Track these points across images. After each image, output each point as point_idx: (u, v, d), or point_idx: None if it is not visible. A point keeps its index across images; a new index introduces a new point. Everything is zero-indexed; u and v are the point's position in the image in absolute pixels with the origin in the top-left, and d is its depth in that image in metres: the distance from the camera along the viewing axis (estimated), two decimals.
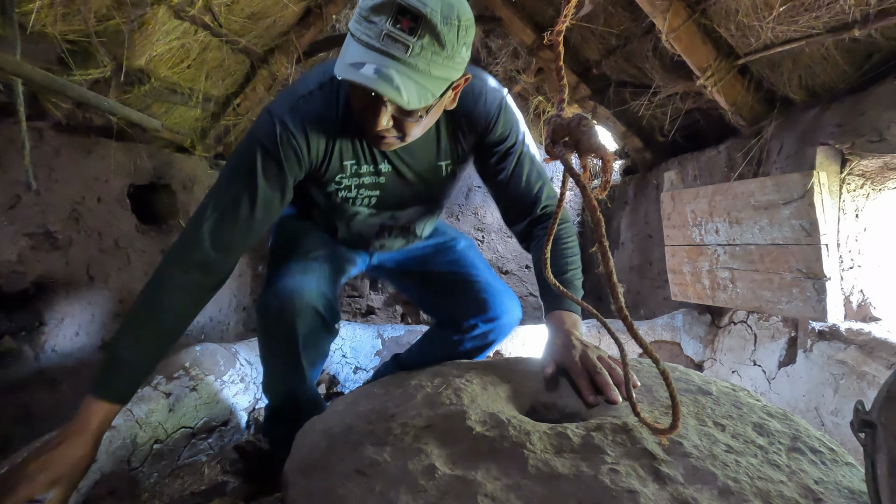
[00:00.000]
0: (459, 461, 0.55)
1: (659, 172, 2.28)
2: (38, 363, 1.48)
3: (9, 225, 1.35)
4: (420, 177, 1.03)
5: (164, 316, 0.83)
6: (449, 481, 0.52)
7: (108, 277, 1.73)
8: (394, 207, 1.07)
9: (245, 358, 1.45)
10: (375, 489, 0.52)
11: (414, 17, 0.72)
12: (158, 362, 0.87)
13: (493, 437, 0.58)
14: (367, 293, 3.34)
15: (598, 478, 0.52)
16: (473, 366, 0.86)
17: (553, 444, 0.58)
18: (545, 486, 0.51)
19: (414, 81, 0.74)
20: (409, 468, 0.54)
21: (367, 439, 0.61)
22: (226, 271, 0.90)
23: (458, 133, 1.01)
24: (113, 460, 1.07)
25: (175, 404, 1.22)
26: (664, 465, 0.54)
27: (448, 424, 0.62)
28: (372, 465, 0.56)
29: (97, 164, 1.68)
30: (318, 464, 0.60)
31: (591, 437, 0.59)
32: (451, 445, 0.58)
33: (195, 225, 0.87)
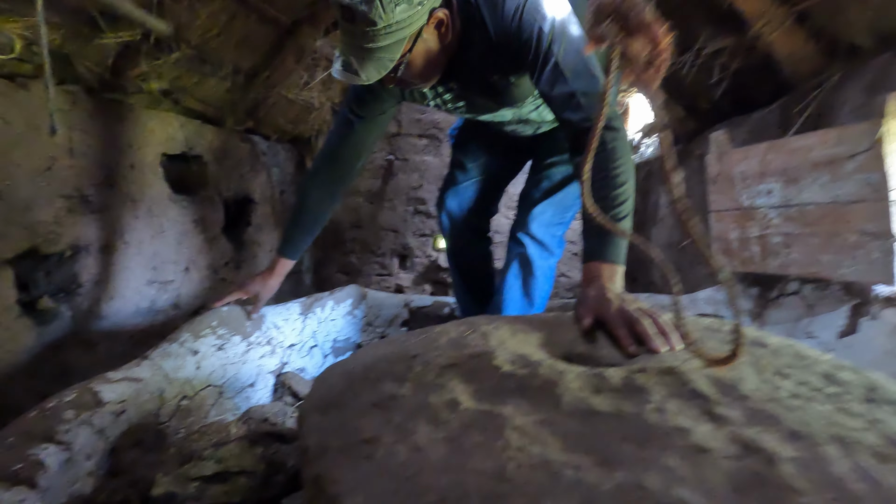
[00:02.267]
0: (485, 397, 0.50)
1: (702, 141, 2.15)
2: (74, 324, 1.51)
3: (45, 186, 1.38)
4: (482, 90, 1.18)
5: (309, 203, 1.35)
6: (473, 415, 0.47)
7: (141, 244, 1.76)
8: (484, 111, 1.28)
9: (272, 321, 1.44)
10: (393, 421, 0.48)
11: (346, 8, 0.89)
12: (314, 235, 1.41)
13: (523, 376, 0.53)
14: (397, 271, 3.32)
15: (643, 416, 0.46)
16: (503, 317, 0.81)
17: (590, 383, 0.52)
18: (581, 422, 0.46)
19: (369, 59, 0.92)
20: (430, 401, 0.50)
21: (386, 377, 0.57)
22: (349, 170, 1.36)
23: (490, 49, 1.06)
24: (141, 413, 1.07)
25: (202, 362, 1.22)
26: (719, 406, 0.47)
27: (473, 364, 0.57)
28: (390, 399, 0.52)
29: (130, 130, 1.70)
30: (335, 402, 0.57)
31: (633, 379, 0.53)
32: (475, 383, 0.53)
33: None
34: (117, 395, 1.02)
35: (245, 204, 2.46)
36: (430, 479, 0.40)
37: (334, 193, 1.37)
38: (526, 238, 1.43)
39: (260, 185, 2.55)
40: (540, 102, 1.27)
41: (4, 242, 1.26)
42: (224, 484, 0.67)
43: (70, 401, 0.93)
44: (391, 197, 3.28)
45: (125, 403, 1.03)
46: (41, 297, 1.45)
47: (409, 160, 3.25)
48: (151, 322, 1.84)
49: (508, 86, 1.15)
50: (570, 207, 1.50)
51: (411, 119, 3.21)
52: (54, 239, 1.41)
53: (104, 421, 0.97)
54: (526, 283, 1.45)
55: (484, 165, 1.61)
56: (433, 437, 0.44)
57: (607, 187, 0.91)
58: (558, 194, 1.46)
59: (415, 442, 0.44)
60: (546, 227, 1.44)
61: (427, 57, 1.03)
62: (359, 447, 0.46)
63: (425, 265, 3.30)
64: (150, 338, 1.85)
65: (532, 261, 1.43)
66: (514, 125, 1.39)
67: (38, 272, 1.46)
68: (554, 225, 1.47)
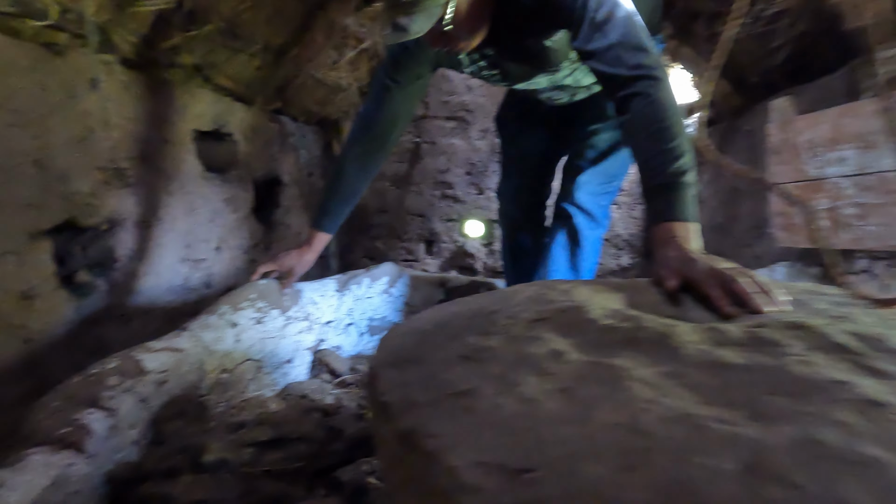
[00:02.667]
0: (590, 350, 0.44)
1: (752, 116, 2.04)
2: (110, 298, 1.50)
3: (82, 157, 1.35)
4: (517, 55, 1.16)
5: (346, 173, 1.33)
6: (583, 366, 0.41)
7: (175, 220, 1.74)
8: (518, 79, 1.25)
9: (309, 296, 1.40)
10: (490, 372, 0.42)
11: None
12: (352, 206, 1.37)
13: (628, 329, 0.47)
14: (423, 257, 3.27)
15: (786, 369, 0.39)
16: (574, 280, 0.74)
17: (707, 337, 0.45)
18: (712, 375, 0.39)
19: (417, 10, 0.91)
20: (530, 352, 0.44)
21: (467, 331, 0.52)
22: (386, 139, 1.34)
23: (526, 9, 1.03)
24: (182, 384, 1.04)
25: (241, 335, 1.19)
26: (871, 360, 0.41)
27: (565, 318, 0.51)
28: (480, 351, 0.46)
29: (164, 104, 1.67)
30: (411, 357, 0.51)
31: (757, 332, 0.46)
32: (573, 336, 0.47)
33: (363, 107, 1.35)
34: (159, 364, 0.99)
35: (274, 185, 2.43)
36: (550, 431, 0.34)
37: (372, 163, 1.36)
38: (572, 208, 1.37)
39: (288, 167, 2.52)
40: (575, 66, 1.23)
41: (43, 212, 1.24)
42: (281, 450, 0.63)
43: (113, 367, 0.90)
44: (418, 181, 3.22)
45: (167, 373, 1.00)
46: (78, 271, 1.43)
47: (436, 143, 3.18)
48: (184, 300, 1.82)
49: (544, 49, 1.12)
50: (617, 176, 1.44)
51: (439, 101, 3.14)
52: (91, 211, 1.39)
53: (147, 390, 0.94)
54: (573, 255, 1.39)
55: (528, 148, 1.59)
56: (543, 389, 0.39)
57: (661, 140, 0.82)
58: (604, 162, 1.40)
59: (523, 393, 0.38)
60: (593, 196, 1.38)
61: (471, 5, 1.00)
62: (453, 400, 0.40)
63: (452, 251, 3.24)
64: (182, 316, 1.83)
65: (580, 231, 1.37)
66: (549, 92, 1.36)
67: (75, 246, 1.44)
68: (601, 195, 1.41)
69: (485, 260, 3.22)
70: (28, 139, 1.19)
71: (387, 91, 1.28)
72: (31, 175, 1.20)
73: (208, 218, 1.91)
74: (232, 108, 2.05)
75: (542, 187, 1.66)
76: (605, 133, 1.39)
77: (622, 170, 1.45)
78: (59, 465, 0.66)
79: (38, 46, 1.24)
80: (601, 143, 1.39)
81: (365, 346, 1.57)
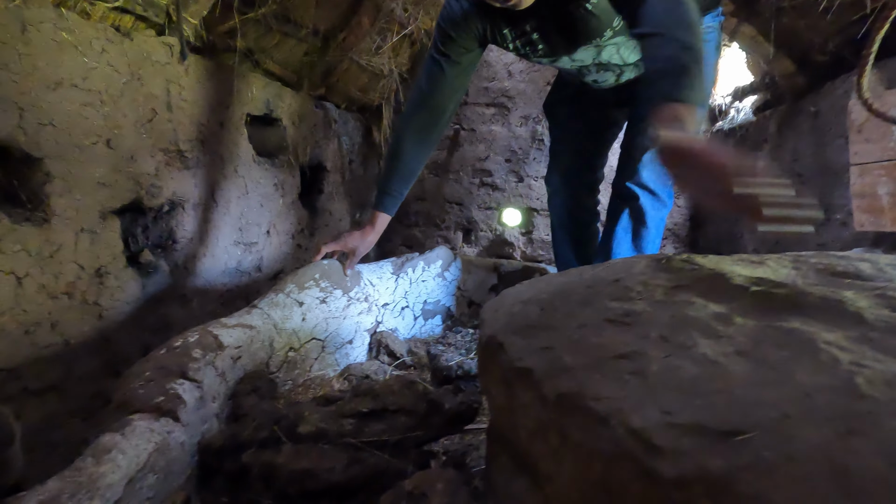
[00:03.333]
0: (754, 314, 0.41)
1: (818, 97, 1.94)
2: (172, 279, 1.52)
3: (147, 138, 1.37)
4: (560, 24, 1.14)
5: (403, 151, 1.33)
6: (759, 329, 0.38)
7: (229, 204, 1.75)
8: (562, 51, 1.23)
9: (368, 278, 1.39)
10: (650, 336, 0.39)
11: None
12: (410, 185, 1.35)
13: (786, 295, 0.43)
14: (460, 245, 3.25)
15: None
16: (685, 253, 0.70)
17: (880, 301, 0.42)
18: None
19: None
20: (689, 314, 0.41)
21: (600, 297, 0.49)
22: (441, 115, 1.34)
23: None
24: (254, 360, 1.05)
25: (307, 314, 1.19)
26: None
27: (706, 285, 0.48)
28: (629, 315, 0.43)
29: (219, 88, 1.68)
30: (537, 324, 0.49)
31: None
32: (725, 302, 0.44)
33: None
34: (234, 339, 0.99)
35: (318, 171, 2.44)
36: (750, 393, 0.31)
37: (427, 141, 1.36)
38: (636, 188, 1.33)
39: (332, 153, 2.52)
40: (619, 40, 1.20)
41: (114, 191, 1.27)
42: (381, 421, 0.61)
43: (195, 341, 0.90)
44: (457, 168, 3.19)
45: (241, 349, 1.01)
46: (143, 251, 1.46)
47: (475, 130, 3.15)
48: (237, 283, 1.84)
49: (586, 14, 1.11)
50: None
51: (478, 88, 3.10)
52: (155, 193, 1.41)
53: (224, 364, 0.94)
54: (638, 237, 1.34)
55: (578, 132, 1.56)
56: (723, 351, 0.36)
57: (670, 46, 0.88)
58: None
59: (702, 355, 0.35)
60: (658, 174, 1.33)
61: None
62: (615, 363, 0.38)
63: (490, 239, 3.21)
64: (236, 298, 1.86)
65: (645, 211, 1.33)
66: (594, 74, 1.35)
67: (138, 226, 1.47)
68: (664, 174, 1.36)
69: (524, 249, 3.18)
70: (101, 119, 1.21)
71: (438, 67, 1.29)
72: (103, 154, 1.22)
73: (259, 202, 1.93)
74: (281, 93, 2.06)
75: (594, 173, 1.62)
76: None
77: None
78: (161, 431, 0.67)
79: (108, 28, 1.26)
80: None
81: (420, 329, 1.56)
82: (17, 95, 1.02)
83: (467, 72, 1.33)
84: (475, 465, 0.85)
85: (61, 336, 1.14)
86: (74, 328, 1.18)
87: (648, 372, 0.36)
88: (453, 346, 1.31)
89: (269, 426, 0.68)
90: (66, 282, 1.15)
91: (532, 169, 3.10)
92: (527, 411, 0.42)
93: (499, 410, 0.50)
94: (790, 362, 0.34)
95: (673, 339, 0.38)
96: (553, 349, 0.43)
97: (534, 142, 3.09)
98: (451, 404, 0.64)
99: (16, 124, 1.03)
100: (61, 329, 1.14)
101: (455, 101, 1.36)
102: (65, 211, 1.14)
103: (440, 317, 1.61)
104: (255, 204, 1.91)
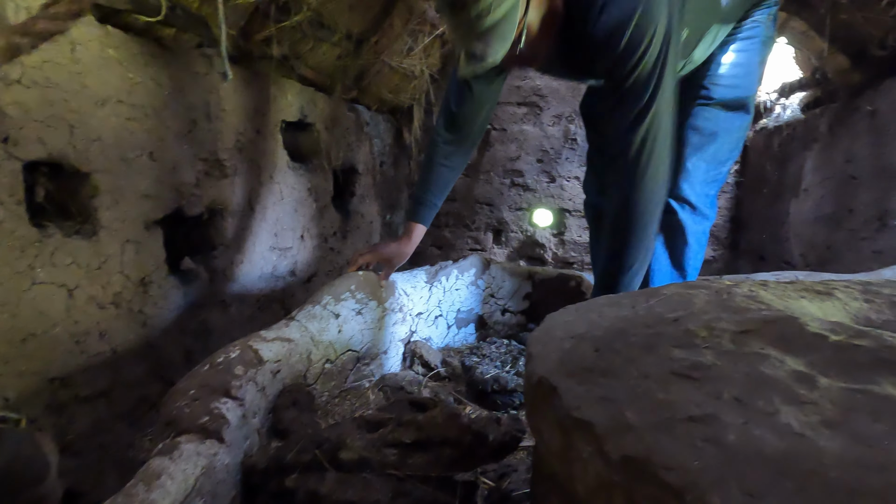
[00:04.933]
0: (838, 373, 0.38)
1: (876, 96, 1.82)
2: (211, 285, 1.56)
3: (188, 148, 1.40)
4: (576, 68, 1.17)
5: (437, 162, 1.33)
6: (845, 394, 0.35)
7: (265, 210, 1.78)
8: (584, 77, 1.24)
9: (402, 288, 1.39)
10: (722, 396, 0.37)
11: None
12: (445, 195, 1.35)
13: (873, 348, 0.40)
14: (490, 246, 3.22)
15: None
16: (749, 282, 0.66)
17: None
18: None
19: (492, 35, 0.89)
20: (766, 373, 0.38)
21: (662, 341, 0.46)
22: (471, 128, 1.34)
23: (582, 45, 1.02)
24: (292, 373, 1.05)
25: (343, 326, 1.20)
26: None
27: (777, 330, 0.44)
28: (697, 369, 0.40)
29: (255, 96, 1.70)
30: (593, 367, 0.47)
31: None
32: (801, 353, 0.41)
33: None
34: (273, 354, 1.00)
35: (350, 174, 2.46)
36: (849, 477, 0.28)
37: (460, 156, 1.35)
38: (674, 202, 1.27)
39: (364, 156, 2.53)
40: None
41: (156, 203, 1.30)
42: (425, 453, 0.60)
43: (237, 357, 0.91)
44: (487, 169, 3.16)
45: (280, 363, 1.02)
46: (183, 258, 1.50)
47: (506, 130, 3.11)
48: (273, 287, 1.87)
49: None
50: (726, 161, 1.31)
51: (510, 86, 3.05)
52: (196, 201, 1.44)
53: (265, 379, 0.95)
54: (679, 252, 1.29)
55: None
56: (808, 422, 0.33)
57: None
58: (711, 146, 1.27)
59: (786, 426, 0.33)
60: (700, 185, 1.27)
61: (541, 23, 0.99)
62: (686, 426, 0.35)
63: (520, 240, 3.17)
64: (272, 302, 1.90)
65: (685, 226, 1.27)
66: None
67: (178, 234, 1.51)
68: (708, 183, 1.29)
69: (555, 250, 3.13)
70: (144, 132, 1.24)
71: (466, 85, 1.27)
72: (147, 167, 1.25)
73: (293, 207, 1.95)
74: (314, 98, 2.07)
75: None
76: (709, 113, 1.26)
77: (732, 153, 1.32)
78: (207, 454, 0.68)
79: (149, 41, 1.29)
80: (706, 124, 1.26)
81: (453, 338, 1.55)
82: (67, 113, 1.05)
83: (496, 84, 1.31)
84: (515, 488, 0.83)
85: (109, 344, 1.18)
86: (121, 336, 1.22)
87: (725, 441, 0.33)
88: (488, 358, 1.30)
89: (311, 449, 0.69)
90: (113, 292, 1.18)
91: (564, 169, 3.04)
92: (586, 466, 0.40)
93: (552, 455, 0.48)
94: (890, 440, 0.31)
95: (750, 402, 0.35)
96: (615, 402, 0.41)
97: (566, 141, 3.03)
98: (496, 435, 0.62)
99: (67, 141, 1.06)
100: (109, 337, 1.18)
101: (486, 114, 1.35)
102: (111, 223, 1.18)
103: (473, 325, 1.59)
104: (290, 209, 1.93)
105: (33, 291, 1.01)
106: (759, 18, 1.23)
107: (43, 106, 1.00)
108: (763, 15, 1.24)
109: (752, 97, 1.26)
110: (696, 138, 1.27)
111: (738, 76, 1.23)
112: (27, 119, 0.97)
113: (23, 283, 0.99)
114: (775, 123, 2.51)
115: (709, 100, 1.26)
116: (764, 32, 1.25)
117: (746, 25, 1.22)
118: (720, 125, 1.26)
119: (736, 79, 1.22)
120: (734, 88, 1.23)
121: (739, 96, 1.23)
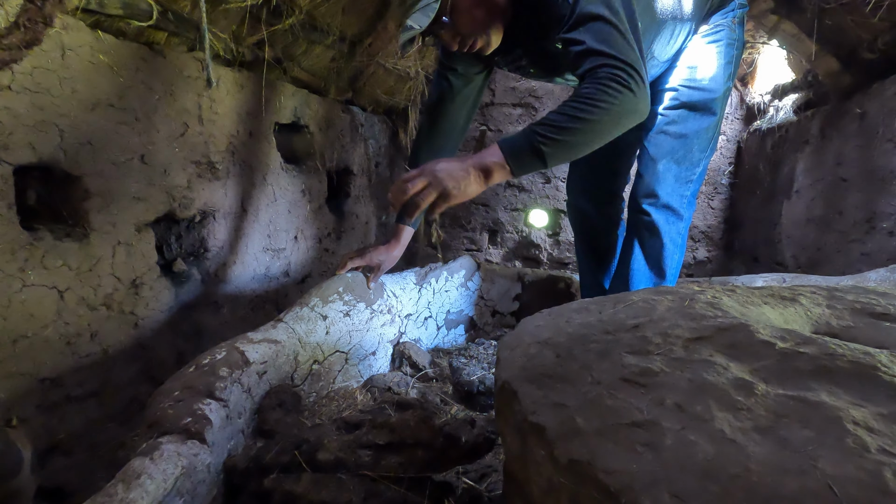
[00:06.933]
0: (778, 380, 0.39)
1: (865, 98, 1.83)
2: (204, 286, 1.57)
3: (179, 151, 1.42)
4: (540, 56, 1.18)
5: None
6: (781, 401, 0.36)
7: (258, 211, 1.80)
8: (553, 74, 1.27)
9: (391, 290, 1.40)
10: (665, 402, 0.38)
11: None
12: None
13: (814, 356, 0.41)
14: (486, 247, 3.24)
15: None
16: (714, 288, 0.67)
17: None
18: None
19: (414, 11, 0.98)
20: (708, 380, 0.39)
21: (617, 348, 0.48)
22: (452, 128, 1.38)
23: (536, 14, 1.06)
24: (279, 374, 1.07)
25: (331, 327, 1.21)
26: None
27: (729, 337, 0.46)
28: (645, 375, 0.42)
29: (248, 98, 1.72)
30: (552, 373, 0.48)
31: None
32: (747, 360, 0.42)
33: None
34: (260, 355, 1.02)
35: (345, 175, 2.47)
36: (770, 482, 0.30)
37: (444, 151, 1.37)
38: (647, 204, 1.28)
39: (358, 157, 2.54)
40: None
41: (149, 205, 1.31)
42: (398, 454, 0.62)
43: (222, 358, 0.93)
44: None
45: (266, 364, 1.03)
46: (175, 260, 1.51)
47: (502, 131, 3.12)
48: (266, 288, 1.89)
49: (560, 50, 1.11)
50: (699, 162, 1.31)
51: (505, 88, 3.06)
52: (187, 204, 1.46)
53: (250, 380, 0.97)
54: (655, 254, 1.30)
55: None
56: (740, 427, 0.34)
57: (568, 113, 0.95)
58: (683, 148, 1.28)
59: (719, 432, 0.34)
60: (672, 186, 1.28)
61: (478, 3, 1.04)
62: (629, 431, 0.37)
63: (516, 241, 3.19)
64: (265, 303, 1.91)
65: (659, 228, 1.28)
66: None
67: (171, 236, 1.53)
68: (682, 184, 1.30)
69: (550, 251, 3.14)
70: (135, 135, 1.26)
71: (445, 80, 1.32)
72: (138, 170, 1.27)
73: (287, 208, 1.97)
74: (308, 100, 2.08)
75: (615, 178, 1.53)
76: (676, 115, 1.27)
77: (705, 153, 1.31)
78: (188, 454, 0.69)
79: (141, 46, 1.30)
80: (674, 127, 1.27)
81: (443, 339, 1.56)
82: (57, 118, 1.07)
83: (476, 84, 1.35)
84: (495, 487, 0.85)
85: (100, 345, 1.20)
86: (112, 337, 1.23)
87: (662, 445, 0.35)
88: (475, 359, 1.31)
89: (290, 451, 0.70)
90: (104, 294, 1.20)
91: (559, 170, 3.05)
92: (539, 469, 0.42)
93: (513, 458, 0.50)
94: (814, 445, 0.32)
95: (689, 408, 0.37)
96: (567, 407, 0.42)
97: None
98: (469, 437, 0.64)
99: (57, 145, 1.08)
100: (100, 339, 1.20)
101: (465, 112, 1.38)
102: (102, 226, 1.19)
103: (463, 326, 1.61)
104: (283, 210, 1.95)
105: (24, 293, 1.03)
106: (722, 22, 1.25)
107: (33, 111, 1.01)
108: (726, 18, 1.25)
109: (718, 99, 1.26)
110: (665, 141, 1.28)
111: (703, 78, 1.24)
112: (17, 124, 0.99)
113: (14, 285, 1.01)
114: (769, 125, 2.52)
115: (675, 102, 1.27)
116: (729, 35, 1.26)
117: (710, 29, 1.24)
118: (689, 127, 1.27)
119: (701, 81, 1.24)
120: (700, 91, 1.24)
121: (705, 98, 1.25)
